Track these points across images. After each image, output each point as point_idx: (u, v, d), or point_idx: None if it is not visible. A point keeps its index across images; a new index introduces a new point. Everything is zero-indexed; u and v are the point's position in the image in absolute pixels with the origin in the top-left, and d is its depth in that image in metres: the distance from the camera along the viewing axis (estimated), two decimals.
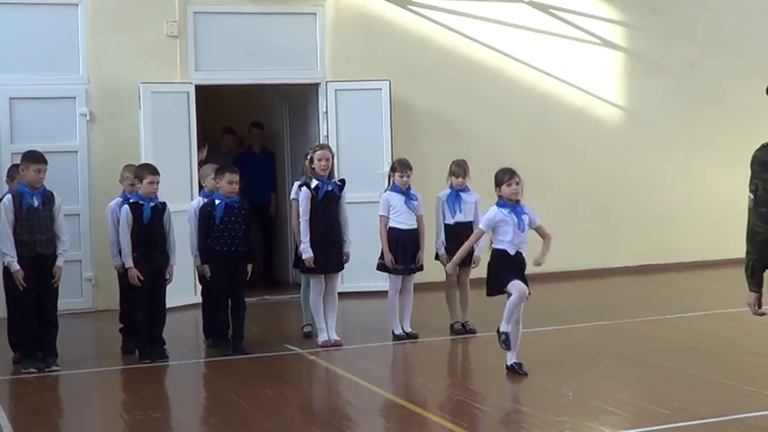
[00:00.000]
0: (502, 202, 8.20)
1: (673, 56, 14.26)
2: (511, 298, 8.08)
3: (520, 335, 8.21)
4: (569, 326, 10.28)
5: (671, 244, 14.11)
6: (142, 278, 9.00)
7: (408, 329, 9.75)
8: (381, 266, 9.79)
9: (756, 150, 5.56)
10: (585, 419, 6.85)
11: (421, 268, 9.86)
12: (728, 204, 14.08)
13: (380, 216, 9.76)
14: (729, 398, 7.31)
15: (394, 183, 9.78)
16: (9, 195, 8.84)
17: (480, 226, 8.33)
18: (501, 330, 8.10)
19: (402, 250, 9.67)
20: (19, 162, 9.26)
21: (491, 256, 8.24)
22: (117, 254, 9.32)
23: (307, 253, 9.41)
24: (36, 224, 8.71)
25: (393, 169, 9.87)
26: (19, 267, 8.58)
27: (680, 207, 14.24)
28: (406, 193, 9.73)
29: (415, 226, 9.75)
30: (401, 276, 9.72)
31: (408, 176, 9.71)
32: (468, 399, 7.69)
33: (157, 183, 9.16)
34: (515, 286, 8.06)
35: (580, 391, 7.61)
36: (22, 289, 8.61)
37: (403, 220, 9.69)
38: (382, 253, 9.72)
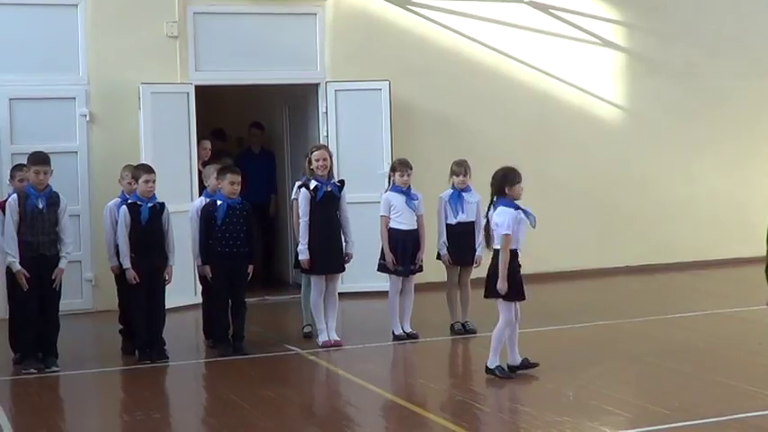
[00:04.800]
0: (512, 203, 8.12)
1: (673, 56, 14.25)
2: (499, 325, 8.11)
3: (518, 335, 8.20)
4: (569, 326, 10.28)
5: (671, 244, 14.10)
6: (138, 279, 9.00)
7: (408, 330, 9.74)
8: (382, 267, 9.78)
9: None
10: (586, 419, 6.86)
11: (420, 269, 9.85)
12: (729, 204, 14.10)
13: (381, 216, 9.75)
14: (730, 397, 7.31)
15: (394, 183, 9.76)
16: (15, 195, 8.84)
17: (506, 232, 8.00)
18: (490, 366, 8.11)
19: (402, 251, 9.67)
20: (21, 162, 9.30)
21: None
22: (114, 255, 9.33)
23: (303, 254, 9.42)
24: (40, 226, 8.72)
25: (393, 169, 9.86)
26: (20, 268, 8.58)
27: (681, 207, 14.23)
28: (406, 192, 9.71)
29: (416, 226, 9.73)
30: (401, 277, 9.72)
31: (408, 176, 9.70)
32: (468, 399, 7.69)
33: (153, 181, 9.14)
34: (508, 311, 8.09)
35: (580, 390, 7.61)
36: (25, 290, 8.61)
37: (403, 221, 9.67)
38: (383, 253, 9.72)
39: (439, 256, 9.98)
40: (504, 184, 8.13)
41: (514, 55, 13.51)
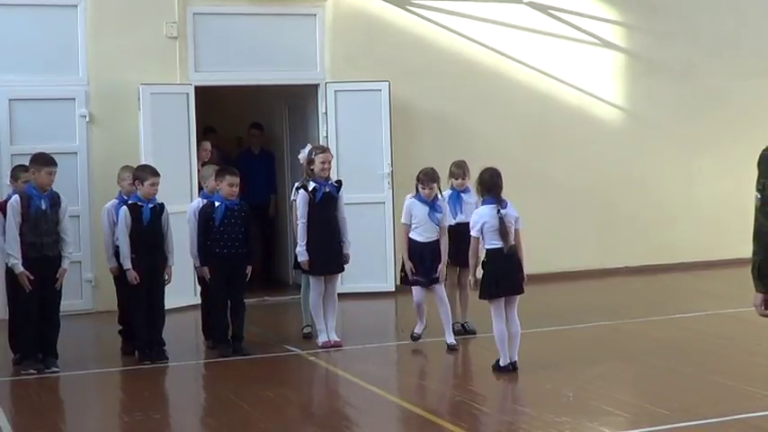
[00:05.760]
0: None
1: (672, 56, 14.25)
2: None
3: (515, 334, 8.25)
4: (569, 326, 10.27)
5: (671, 244, 14.10)
6: (138, 280, 8.99)
7: (451, 341, 9.31)
8: (406, 279, 9.41)
9: (764, 149, 5.48)
10: (585, 420, 6.85)
11: (436, 280, 9.34)
12: (729, 204, 14.09)
13: (403, 225, 9.37)
14: (730, 398, 7.31)
15: (418, 192, 9.37)
16: (16, 196, 8.80)
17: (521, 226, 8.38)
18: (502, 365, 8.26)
19: (420, 262, 9.27)
20: (21, 163, 9.28)
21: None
22: (112, 256, 9.33)
23: (302, 256, 9.41)
24: (43, 226, 8.71)
25: (418, 179, 9.33)
26: (23, 269, 8.57)
27: (680, 207, 14.23)
28: (431, 204, 9.26)
29: (435, 238, 9.28)
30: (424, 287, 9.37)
31: (431, 188, 9.21)
32: (467, 399, 7.69)
33: (158, 184, 9.16)
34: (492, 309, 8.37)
35: (580, 391, 7.60)
36: (27, 291, 8.60)
37: (422, 233, 9.26)
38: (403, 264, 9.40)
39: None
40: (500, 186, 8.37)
41: (514, 55, 13.51)
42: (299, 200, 9.46)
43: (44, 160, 8.81)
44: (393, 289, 12.08)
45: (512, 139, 13.37)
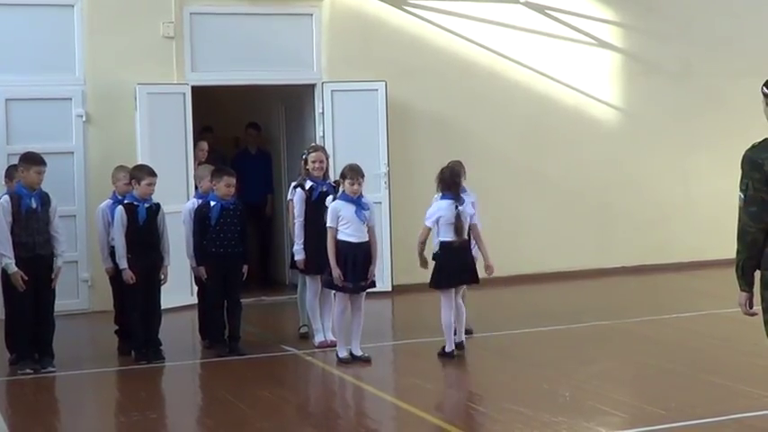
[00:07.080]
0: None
1: (669, 56, 14.27)
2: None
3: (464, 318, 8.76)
4: (566, 326, 10.27)
5: (668, 244, 14.11)
6: (134, 279, 8.99)
7: (359, 353, 8.88)
8: (329, 283, 8.91)
9: (747, 150, 5.58)
10: (582, 420, 6.85)
11: (372, 284, 8.98)
12: (725, 204, 14.03)
13: (328, 228, 8.79)
14: (726, 398, 7.32)
15: (343, 191, 8.89)
16: (6, 196, 8.80)
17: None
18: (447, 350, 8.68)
19: (352, 266, 8.74)
20: (16, 163, 9.27)
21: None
22: (108, 256, 9.34)
23: (299, 255, 9.41)
24: (35, 225, 8.70)
25: (343, 176, 8.90)
26: (17, 269, 8.57)
27: (677, 207, 14.25)
28: (356, 202, 8.81)
29: (367, 239, 8.82)
30: (350, 294, 8.85)
31: (359, 184, 8.78)
32: (463, 399, 7.70)
33: (155, 184, 9.16)
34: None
35: (577, 391, 7.61)
36: (21, 290, 8.60)
37: (353, 233, 8.74)
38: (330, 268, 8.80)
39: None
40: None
41: (510, 56, 13.51)
42: (296, 199, 9.46)
43: (33, 159, 8.81)
44: (389, 289, 12.10)
45: (508, 140, 13.38)
